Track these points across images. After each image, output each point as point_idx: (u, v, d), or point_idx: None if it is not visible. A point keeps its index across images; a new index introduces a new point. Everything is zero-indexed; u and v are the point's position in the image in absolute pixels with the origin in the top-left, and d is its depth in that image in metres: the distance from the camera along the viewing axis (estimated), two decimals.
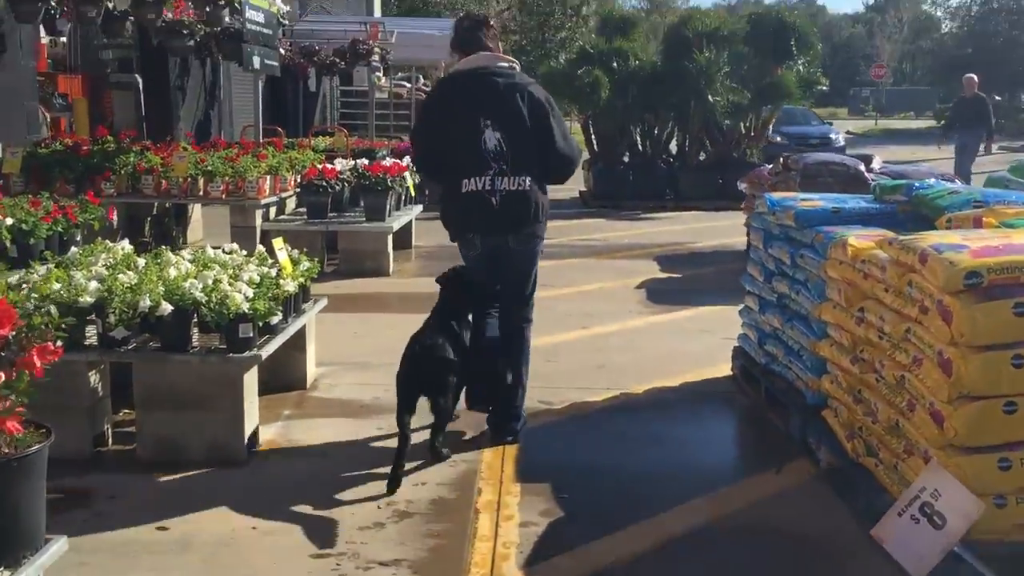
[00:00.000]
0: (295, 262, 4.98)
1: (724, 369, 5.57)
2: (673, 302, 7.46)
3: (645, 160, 14.86)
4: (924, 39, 59.13)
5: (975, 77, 14.65)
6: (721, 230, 11.71)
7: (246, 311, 4.07)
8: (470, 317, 4.26)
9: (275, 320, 4.28)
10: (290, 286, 4.52)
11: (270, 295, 4.30)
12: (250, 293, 4.19)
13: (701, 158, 14.91)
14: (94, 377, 4.21)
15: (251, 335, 4.13)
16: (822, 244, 4.25)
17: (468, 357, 4.09)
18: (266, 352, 4.21)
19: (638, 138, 15.20)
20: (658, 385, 5.34)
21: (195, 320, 4.13)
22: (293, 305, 4.73)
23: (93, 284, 4.16)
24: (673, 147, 15.44)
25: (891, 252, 3.38)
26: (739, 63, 14.35)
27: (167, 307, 4.04)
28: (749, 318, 5.29)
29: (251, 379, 4.18)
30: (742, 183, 10.03)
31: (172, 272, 4.38)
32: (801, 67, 14.51)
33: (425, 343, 3.95)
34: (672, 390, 5.28)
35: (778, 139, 18.81)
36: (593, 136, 15.75)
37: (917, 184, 4.50)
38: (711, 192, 14.17)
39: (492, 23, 4.38)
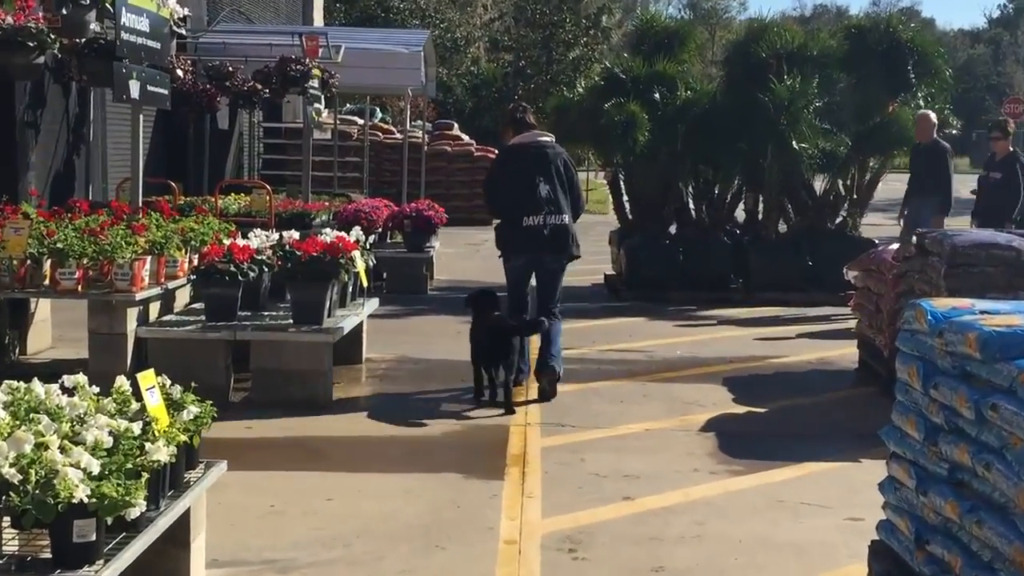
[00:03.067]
0: (176, 406, 4.49)
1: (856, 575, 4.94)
2: (760, 455, 7.01)
3: (701, 232, 14.56)
4: None
5: (932, 115, 13.02)
6: (817, 337, 11.30)
7: (85, 499, 3.46)
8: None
9: (135, 512, 3.64)
10: (163, 452, 3.95)
11: (128, 467, 3.77)
12: (96, 466, 3.62)
13: (782, 230, 14.61)
14: None
15: (93, 538, 3.51)
16: None
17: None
18: (116, 568, 3.55)
19: (690, 201, 14.90)
20: None
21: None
22: (170, 478, 4.20)
23: None
24: (741, 213, 15.14)
25: None
26: (835, 96, 14.08)
27: None
28: (897, 497, 4.69)
29: None
30: (851, 270, 9.72)
31: None
32: (922, 101, 14.25)
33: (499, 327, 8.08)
34: None
35: None
36: (625, 197, 15.45)
37: None
38: (797, 278, 13.87)
39: (530, 109, 8.99)
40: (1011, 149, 12.81)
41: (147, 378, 4.37)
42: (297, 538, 5.38)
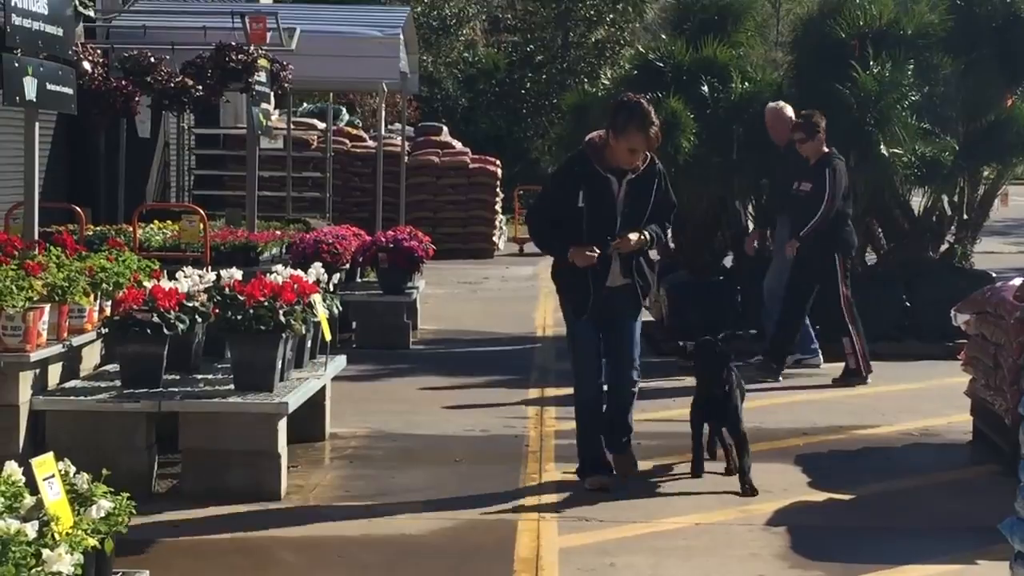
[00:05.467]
0: (83, 500, 4.55)
1: None
2: (845, 556, 6.95)
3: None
4: None
5: (786, 108, 13.06)
6: (917, 399, 11.32)
7: None
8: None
9: None
10: (65, 562, 4.01)
11: None
12: None
13: (870, 261, 14.68)
14: None
15: None
16: None
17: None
18: None
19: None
20: None
21: None
22: None
23: None
24: None
25: None
26: (936, 87, 14.13)
27: None
28: None
29: None
30: (961, 313, 9.74)
31: None
32: None
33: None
34: None
35: None
36: None
37: None
38: (890, 324, 13.87)
39: (619, 118, 8.43)
40: (825, 150, 12.34)
41: (45, 464, 4.40)
42: None
